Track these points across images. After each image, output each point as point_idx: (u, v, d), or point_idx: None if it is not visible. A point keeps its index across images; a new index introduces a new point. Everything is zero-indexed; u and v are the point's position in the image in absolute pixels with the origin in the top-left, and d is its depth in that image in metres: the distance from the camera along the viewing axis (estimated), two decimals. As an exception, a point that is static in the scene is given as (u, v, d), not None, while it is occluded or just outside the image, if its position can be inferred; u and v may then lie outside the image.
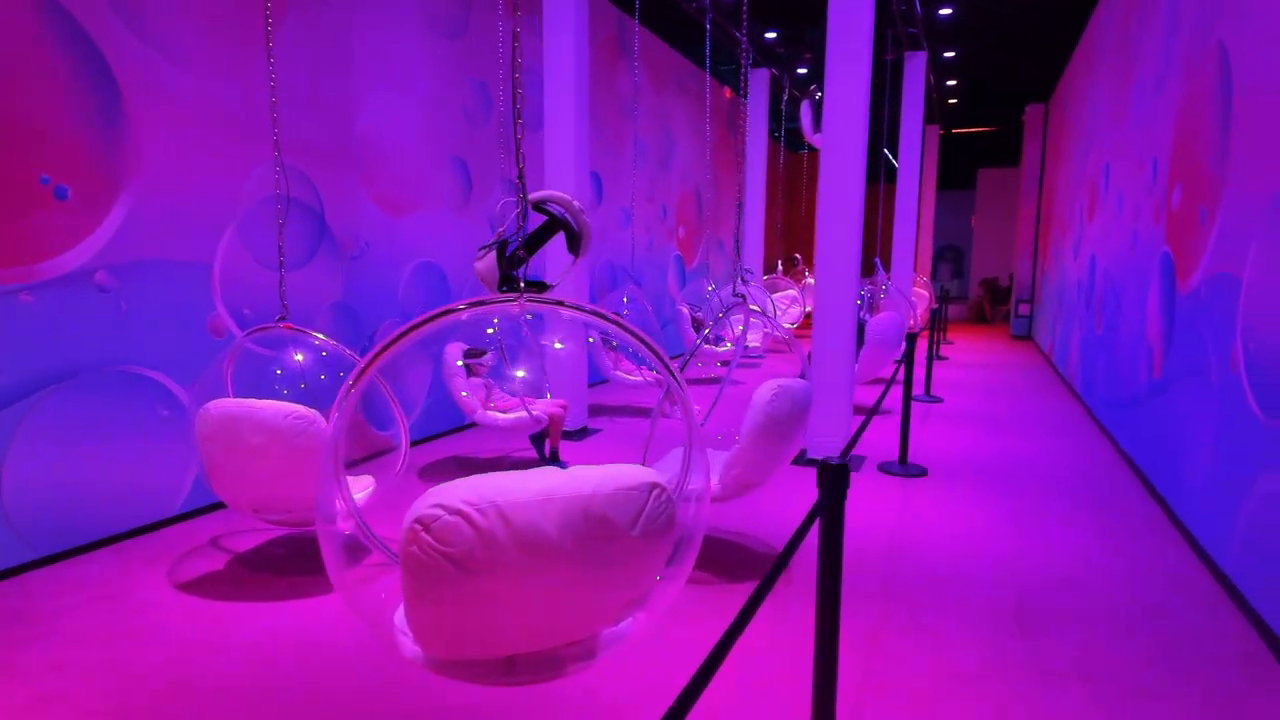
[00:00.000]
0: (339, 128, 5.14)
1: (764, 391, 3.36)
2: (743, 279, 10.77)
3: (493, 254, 1.77)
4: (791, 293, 12.78)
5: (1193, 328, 4.15)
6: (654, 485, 1.65)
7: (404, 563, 1.54)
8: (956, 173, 20.79)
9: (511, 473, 1.60)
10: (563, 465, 5.26)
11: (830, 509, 1.88)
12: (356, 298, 5.35)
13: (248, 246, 4.54)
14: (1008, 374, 9.88)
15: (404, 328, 1.78)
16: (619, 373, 7.19)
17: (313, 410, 3.34)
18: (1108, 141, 7.37)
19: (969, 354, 11.97)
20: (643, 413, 7.32)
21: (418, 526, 1.51)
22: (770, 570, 1.71)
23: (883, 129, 11.18)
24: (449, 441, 6.17)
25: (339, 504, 2.07)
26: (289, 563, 3.74)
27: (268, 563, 3.74)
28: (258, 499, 3.46)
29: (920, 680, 2.71)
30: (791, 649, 2.89)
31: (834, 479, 1.88)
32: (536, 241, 1.84)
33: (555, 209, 1.83)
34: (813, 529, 1.95)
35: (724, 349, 8.86)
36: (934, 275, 24.38)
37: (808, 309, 12.11)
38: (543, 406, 5.27)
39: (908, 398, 5.47)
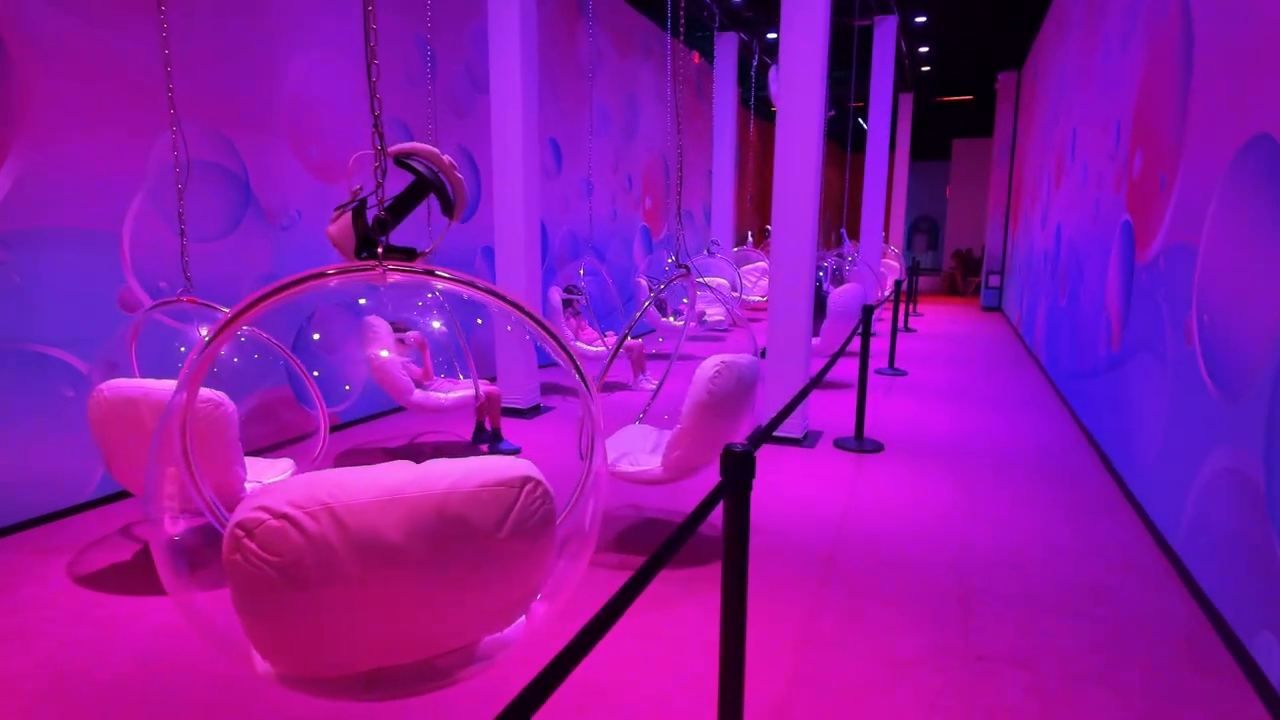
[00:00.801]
0: (264, 88, 4.82)
1: (706, 367, 3.18)
2: (709, 251, 10.57)
3: (347, 216, 1.54)
4: (762, 265, 12.59)
5: (1151, 299, 4.01)
6: (526, 480, 1.46)
7: (228, 572, 1.34)
8: (932, 143, 20.60)
9: (357, 469, 1.41)
10: (508, 444, 5.07)
11: (735, 496, 1.71)
12: (288, 270, 5.07)
13: (161, 214, 4.25)
14: (975, 346, 9.80)
15: (257, 295, 1.57)
16: (578, 343, 6.99)
17: (218, 392, 3.11)
18: (1076, 106, 7.20)
19: (938, 325, 11.89)
20: (608, 387, 7.12)
21: (239, 532, 1.31)
22: (658, 550, 1.54)
23: (850, 96, 10.94)
24: (392, 421, 5.95)
25: (195, 498, 1.86)
26: (201, 553, 3.53)
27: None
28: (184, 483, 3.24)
29: (853, 667, 2.57)
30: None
31: (738, 466, 1.70)
32: (404, 204, 1.62)
33: (420, 165, 1.61)
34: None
35: (680, 323, 8.67)
36: (909, 247, 24.32)
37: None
38: (481, 386, 5.06)
39: (864, 371, 5.33)
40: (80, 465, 3.93)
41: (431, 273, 1.61)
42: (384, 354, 4.74)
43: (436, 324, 5.09)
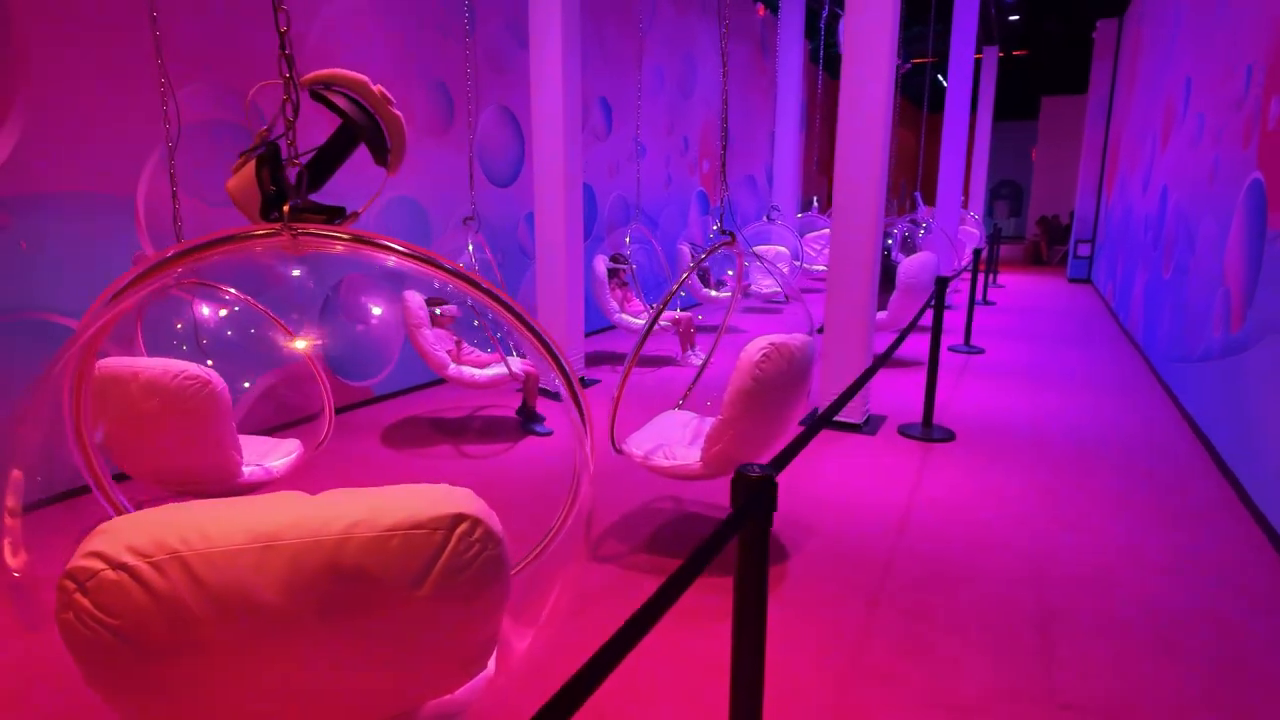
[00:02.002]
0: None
1: (752, 350, 2.76)
2: (769, 216, 10.00)
3: (249, 166, 1.19)
4: (827, 232, 11.91)
5: (1287, 273, 3.37)
6: (457, 520, 1.10)
7: (62, 635, 1.03)
8: (1018, 101, 19.20)
9: (230, 502, 1.07)
10: (542, 425, 4.76)
11: (751, 531, 1.31)
12: (317, 236, 4.84)
13: (179, 176, 4.03)
14: (1061, 321, 8.99)
15: (138, 271, 1.24)
16: (625, 315, 6.62)
17: (208, 370, 2.87)
18: (1190, 51, 6.33)
19: (1020, 298, 11.02)
20: (653, 362, 6.76)
21: (69, 584, 1.00)
22: (664, 585, 1.17)
23: (928, 50, 10.08)
24: (423, 396, 5.73)
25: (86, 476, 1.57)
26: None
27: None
28: (156, 468, 3.04)
29: (904, 710, 2.16)
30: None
31: (754, 493, 1.30)
32: (331, 153, 1.27)
33: (342, 101, 1.25)
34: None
35: (726, 295, 8.18)
36: (989, 213, 22.94)
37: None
38: (517, 363, 4.75)
39: (935, 351, 4.79)
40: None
41: (362, 239, 1.24)
42: (427, 330, 4.48)
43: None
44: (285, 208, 1.18)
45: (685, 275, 3.15)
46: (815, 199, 12.14)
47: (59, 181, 3.53)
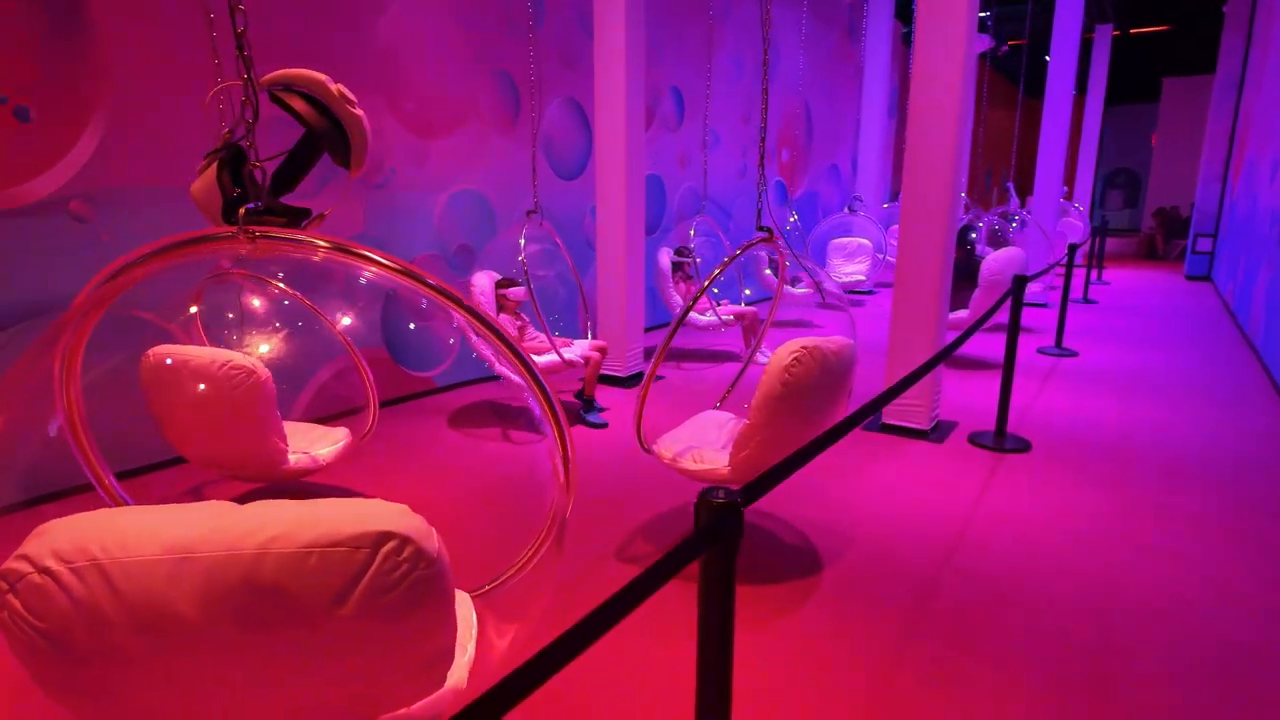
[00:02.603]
0: (352, 37, 4.66)
1: (782, 354, 2.63)
2: (850, 208, 9.64)
3: (212, 169, 1.19)
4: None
5: None
6: (384, 537, 1.06)
7: (2, 631, 1.05)
8: (1137, 82, 17.80)
9: (155, 509, 1.06)
10: (597, 415, 4.74)
11: (714, 558, 1.22)
12: (382, 230, 4.97)
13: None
14: (1171, 323, 8.28)
15: (99, 276, 1.26)
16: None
17: (253, 360, 2.97)
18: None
19: (1127, 297, 10.23)
20: (714, 358, 6.65)
21: (2, 584, 1.01)
22: (618, 595, 1.10)
23: (1025, 28, 9.44)
24: (486, 387, 5.81)
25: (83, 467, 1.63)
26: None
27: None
28: (209, 453, 3.19)
29: (929, 757, 2.01)
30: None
31: (715, 521, 1.21)
32: (298, 159, 1.25)
33: (299, 103, 1.22)
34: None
35: (801, 290, 7.93)
36: (1099, 204, 21.43)
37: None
38: (579, 348, 4.75)
39: (1010, 352, 4.47)
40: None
41: (323, 244, 1.22)
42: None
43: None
44: (241, 211, 1.17)
45: (716, 272, 3.04)
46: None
47: (135, 175, 3.73)
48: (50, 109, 3.42)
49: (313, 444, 3.41)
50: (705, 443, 3.09)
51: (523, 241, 4.66)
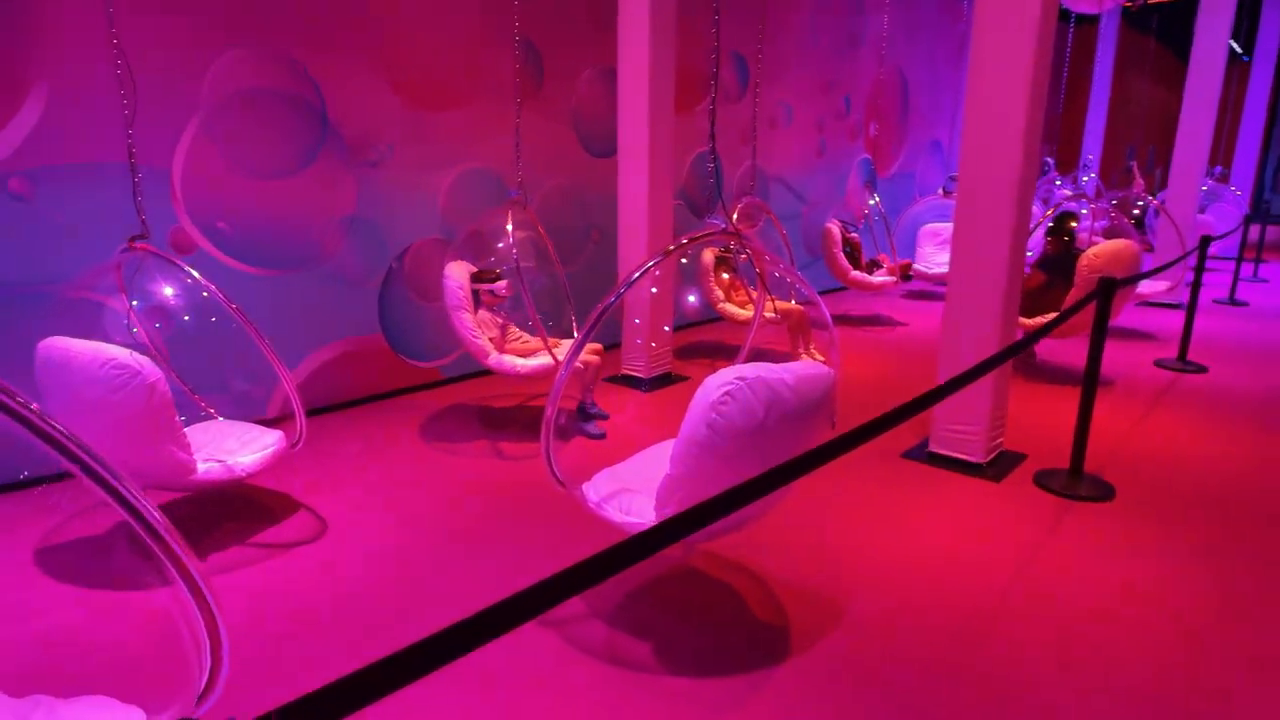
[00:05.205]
0: (344, 2, 4.25)
1: (710, 388, 2.01)
2: (944, 189, 8.57)
3: None
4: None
5: None
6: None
7: None
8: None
9: None
10: (595, 425, 4.21)
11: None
12: (377, 211, 4.60)
13: (219, 147, 3.92)
14: (1339, 333, 6.81)
15: None
16: (728, 305, 5.84)
17: (140, 359, 2.62)
18: None
19: (1286, 298, 8.61)
20: (758, 358, 5.94)
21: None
22: None
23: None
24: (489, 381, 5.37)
25: None
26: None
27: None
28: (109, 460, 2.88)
29: None
30: None
31: None
32: None
33: None
34: None
35: (881, 278, 7.01)
36: (1273, 186, 18.59)
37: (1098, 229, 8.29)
38: (584, 353, 4.21)
39: (1093, 369, 3.56)
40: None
41: None
42: (466, 314, 4.07)
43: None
44: None
45: (648, 265, 2.41)
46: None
47: (86, 152, 3.49)
48: (-17, 80, 3.20)
49: (237, 449, 3.06)
50: (647, 484, 2.48)
51: (509, 228, 4.15)
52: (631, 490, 2.42)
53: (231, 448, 3.08)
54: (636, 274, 2.45)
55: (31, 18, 3.29)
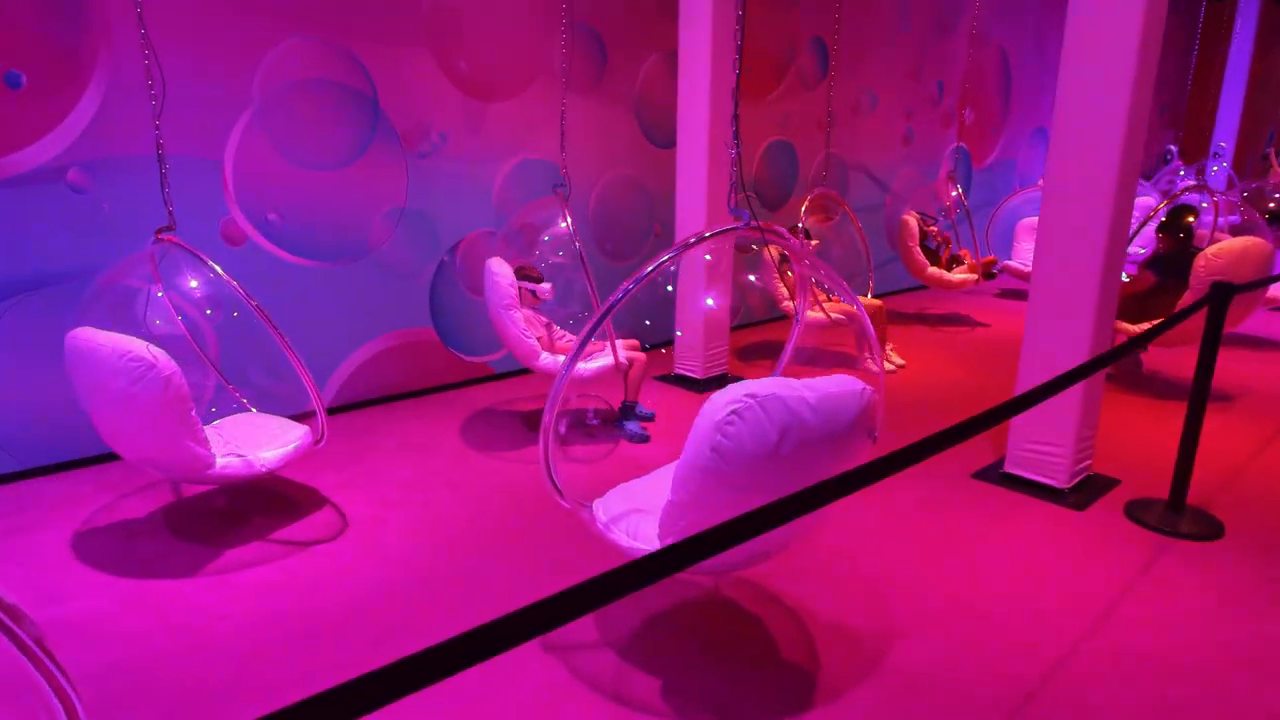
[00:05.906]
0: (399, -12, 4.19)
1: (717, 405, 1.76)
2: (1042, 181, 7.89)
3: None
4: (1147, 200, 9.12)
5: None
6: None
7: None
8: None
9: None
10: (638, 425, 4.01)
11: None
12: (429, 203, 4.53)
13: (272, 140, 3.92)
14: None
15: None
16: (791, 303, 5.50)
17: (156, 352, 2.60)
18: None
19: None
20: (821, 360, 5.60)
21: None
22: None
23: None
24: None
25: None
26: (218, 517, 3.16)
27: (206, 512, 3.22)
28: (130, 453, 2.89)
29: None
30: None
31: None
32: None
33: None
34: None
35: (961, 275, 6.48)
36: None
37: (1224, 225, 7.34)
38: (609, 351, 4.02)
39: (1200, 389, 3.10)
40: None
41: None
42: (516, 313, 3.94)
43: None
44: None
45: (665, 259, 2.17)
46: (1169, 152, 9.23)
47: (142, 144, 3.53)
48: (42, 73, 3.28)
49: (262, 444, 3.03)
50: (654, 505, 2.26)
51: (566, 223, 3.99)
52: (642, 511, 2.21)
53: (258, 442, 3.06)
54: (649, 268, 2.22)
55: (92, 12, 3.35)
